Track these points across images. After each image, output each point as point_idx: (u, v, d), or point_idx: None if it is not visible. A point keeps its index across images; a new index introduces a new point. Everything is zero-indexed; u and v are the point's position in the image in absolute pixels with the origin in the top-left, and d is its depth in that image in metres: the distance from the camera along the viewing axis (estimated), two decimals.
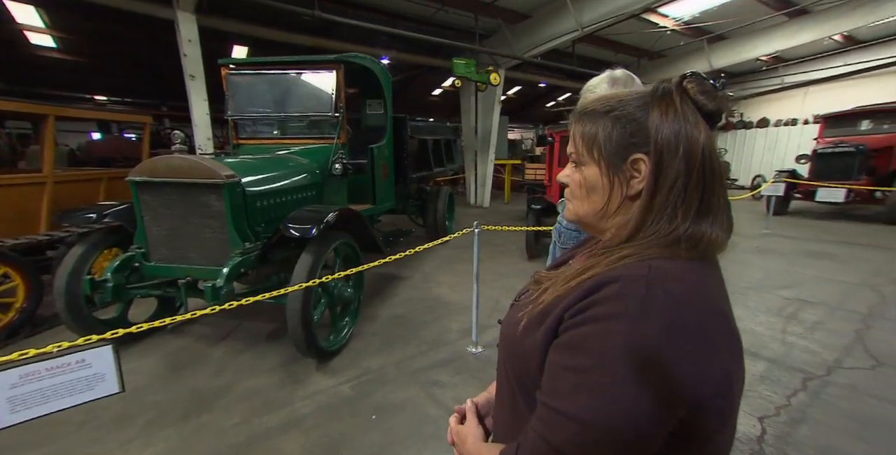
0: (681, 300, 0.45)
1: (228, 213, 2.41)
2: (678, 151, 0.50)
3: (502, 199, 10.94)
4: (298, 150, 3.45)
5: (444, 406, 2.24)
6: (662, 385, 0.42)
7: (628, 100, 0.56)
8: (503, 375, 0.64)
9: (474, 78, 7.21)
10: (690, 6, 7.66)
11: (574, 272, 0.54)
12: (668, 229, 0.50)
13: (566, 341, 0.49)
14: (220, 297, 2.25)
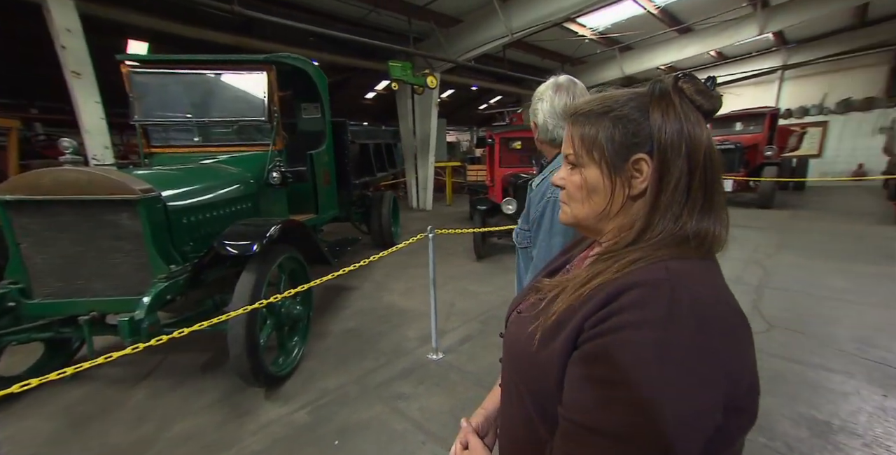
0: (706, 301, 0.44)
1: (147, 234, 2.11)
2: (681, 150, 0.50)
3: (444, 201, 11.04)
4: (226, 159, 3.15)
5: (411, 419, 2.17)
6: (700, 391, 0.41)
7: (624, 100, 0.55)
8: (513, 392, 0.60)
9: (411, 81, 7.17)
10: (604, 18, 8.38)
11: (583, 279, 0.52)
12: (674, 228, 0.50)
13: (589, 353, 0.46)
14: (142, 331, 1.96)
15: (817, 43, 11.61)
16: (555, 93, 1.14)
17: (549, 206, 1.05)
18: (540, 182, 1.14)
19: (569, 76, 1.20)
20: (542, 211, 1.06)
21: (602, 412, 0.43)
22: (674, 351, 0.41)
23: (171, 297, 2.21)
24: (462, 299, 3.94)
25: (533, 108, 1.18)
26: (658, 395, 0.41)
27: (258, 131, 3.28)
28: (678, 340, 0.42)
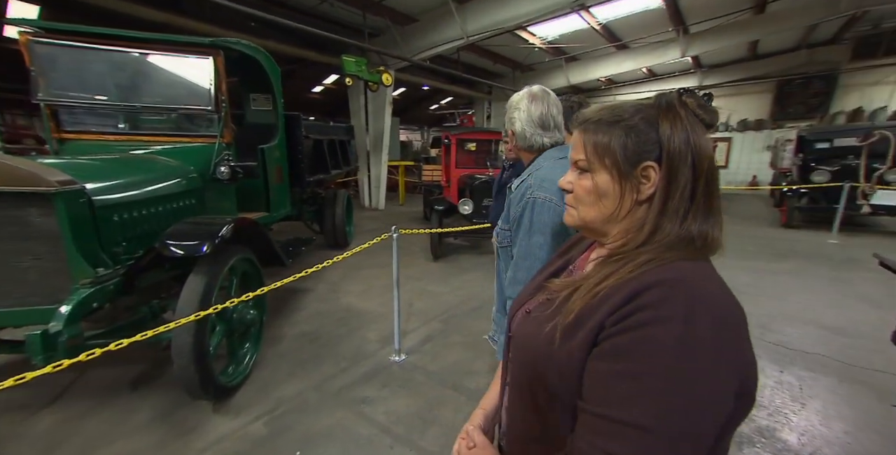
0: (717, 299, 0.48)
1: (67, 233, 1.83)
2: (688, 159, 0.54)
3: (397, 200, 10.92)
4: (163, 150, 2.85)
5: (377, 423, 2.12)
6: (718, 381, 0.45)
7: (632, 111, 0.58)
8: (524, 389, 0.61)
9: (366, 77, 7.00)
10: (553, 29, 8.82)
11: (598, 278, 0.54)
12: (679, 231, 0.54)
13: (612, 349, 0.48)
14: (59, 346, 1.70)
15: (723, 69, 13.35)
16: (530, 102, 1.19)
17: (528, 207, 1.08)
18: (519, 184, 1.17)
19: (541, 86, 1.26)
20: (521, 211, 1.10)
21: (630, 405, 0.45)
22: (695, 346, 0.45)
23: (97, 305, 1.95)
24: (421, 299, 3.93)
25: (509, 116, 1.23)
26: (683, 387, 0.44)
27: (203, 122, 3.00)
28: (698, 336, 0.45)
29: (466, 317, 3.51)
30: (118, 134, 2.99)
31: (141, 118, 3.07)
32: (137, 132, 3.00)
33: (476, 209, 5.17)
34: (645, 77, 14.31)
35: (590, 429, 0.49)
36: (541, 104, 1.19)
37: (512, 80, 12.09)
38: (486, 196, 5.19)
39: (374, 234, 6.53)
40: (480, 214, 5.17)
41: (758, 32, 9.41)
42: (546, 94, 1.22)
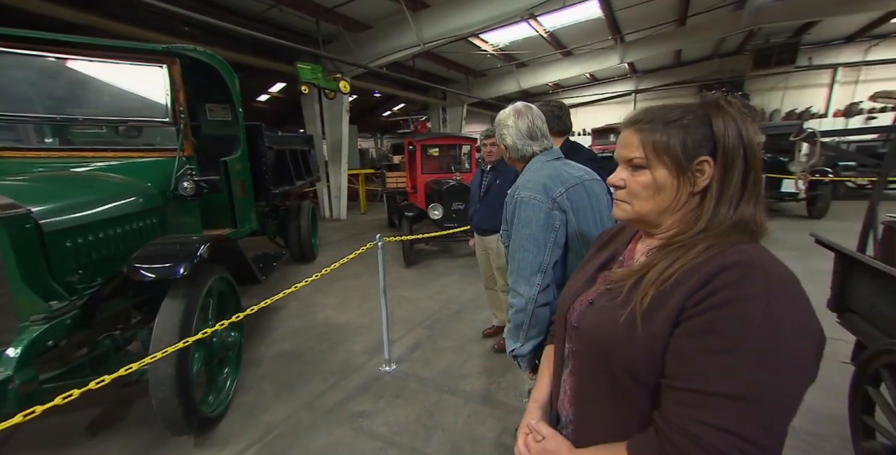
0: (788, 277, 0.54)
1: (12, 263, 1.61)
2: (740, 152, 0.59)
3: (358, 210, 10.72)
4: (112, 166, 2.60)
5: (379, 436, 2.08)
6: (805, 350, 0.50)
7: (681, 112, 0.63)
8: (598, 376, 0.64)
9: (322, 84, 6.83)
10: (504, 36, 9.16)
11: (664, 265, 0.59)
12: (733, 216, 0.59)
13: (699, 327, 0.52)
14: (10, 394, 1.49)
15: (654, 74, 14.70)
16: (517, 118, 1.29)
17: (517, 205, 1.19)
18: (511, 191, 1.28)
19: (524, 102, 1.37)
20: (512, 210, 1.21)
21: (724, 378, 0.49)
22: (780, 321, 0.49)
23: (53, 342, 1.74)
24: (401, 307, 3.89)
25: (500, 133, 1.33)
26: (774, 359, 0.49)
27: (158, 134, 2.80)
28: (781, 312, 0.50)
29: (450, 321, 3.53)
30: (54, 150, 2.71)
31: (82, 132, 2.80)
32: (79, 147, 2.73)
33: (446, 214, 5.22)
34: (588, 82, 15.29)
35: (681, 403, 0.52)
36: (526, 118, 1.30)
37: (466, 86, 12.36)
38: (456, 200, 5.26)
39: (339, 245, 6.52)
40: (451, 219, 5.22)
41: (680, 42, 10.44)
42: (529, 108, 1.33)
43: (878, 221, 2.23)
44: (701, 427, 0.50)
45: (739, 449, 0.48)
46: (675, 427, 0.52)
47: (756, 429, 0.48)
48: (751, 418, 0.48)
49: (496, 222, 2.76)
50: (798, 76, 12.69)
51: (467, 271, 5.04)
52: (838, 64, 12.27)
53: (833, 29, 11.26)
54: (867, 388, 1.57)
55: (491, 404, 2.33)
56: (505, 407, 2.30)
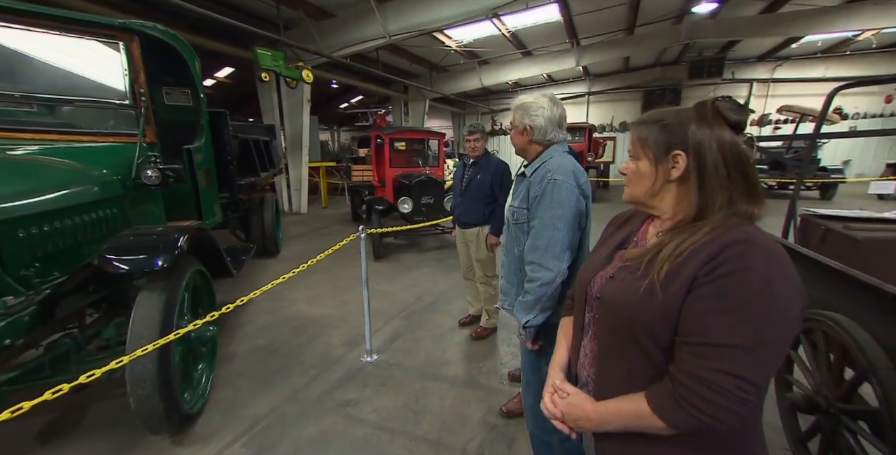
0: (779, 250, 0.66)
1: None
2: (712, 147, 0.71)
3: (319, 203, 10.41)
4: (57, 149, 2.37)
5: (369, 422, 2.12)
6: (795, 308, 0.63)
7: (672, 114, 0.77)
8: (621, 337, 0.75)
9: (284, 72, 6.53)
10: (468, 33, 9.28)
11: (676, 243, 0.71)
12: (731, 207, 0.71)
13: (710, 292, 0.63)
14: None
15: (605, 78, 15.59)
16: (552, 105, 1.38)
17: (549, 186, 1.28)
18: (535, 170, 1.37)
19: (553, 94, 1.46)
20: (542, 190, 1.29)
21: (729, 333, 0.61)
22: (776, 286, 0.61)
23: (10, 341, 1.60)
24: (376, 300, 3.87)
25: (530, 114, 1.38)
26: (771, 316, 0.61)
27: (114, 117, 2.58)
28: (776, 278, 0.62)
29: (426, 312, 3.60)
30: None
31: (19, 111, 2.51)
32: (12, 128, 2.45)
33: (416, 208, 5.26)
34: (545, 82, 15.85)
35: (692, 354, 0.64)
36: (559, 108, 1.41)
37: (429, 81, 12.36)
38: (425, 194, 5.31)
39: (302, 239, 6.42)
40: (420, 213, 5.27)
41: (629, 50, 11.18)
42: (559, 101, 1.44)
43: (797, 214, 2.61)
44: (708, 372, 0.62)
45: (738, 386, 0.61)
46: (686, 374, 0.64)
47: (751, 370, 0.61)
48: (748, 363, 0.61)
49: (477, 215, 2.88)
50: (724, 87, 14.09)
51: (437, 264, 5.13)
52: (753, 79, 13.85)
53: (749, 49, 12.72)
54: (788, 352, 1.86)
55: (474, 387, 2.44)
56: (487, 389, 2.42)
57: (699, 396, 0.63)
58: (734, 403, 0.61)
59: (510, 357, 2.79)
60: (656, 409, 0.67)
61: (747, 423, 0.70)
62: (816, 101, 11.39)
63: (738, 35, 10.11)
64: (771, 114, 13.67)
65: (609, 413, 0.74)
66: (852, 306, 1.55)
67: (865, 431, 1.40)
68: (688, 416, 0.64)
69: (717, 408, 0.62)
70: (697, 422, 0.64)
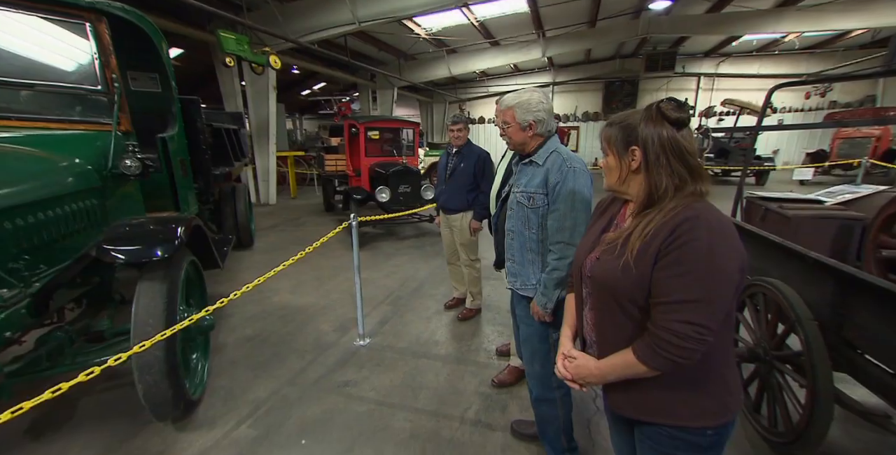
0: (722, 220, 0.82)
1: None
2: (654, 141, 0.86)
3: (287, 194, 10.14)
4: (21, 138, 2.24)
5: (370, 400, 2.24)
6: (733, 266, 0.79)
7: (631, 115, 0.92)
8: (612, 306, 0.92)
9: (250, 58, 6.26)
10: (437, 21, 9.23)
11: (643, 225, 0.86)
12: (682, 187, 0.85)
13: (668, 262, 0.80)
14: None
15: (569, 69, 16.03)
16: (545, 97, 1.52)
17: (569, 174, 1.42)
18: (546, 159, 1.49)
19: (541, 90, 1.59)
20: (563, 177, 1.42)
21: (685, 290, 0.78)
22: (715, 251, 0.78)
23: (10, 334, 1.59)
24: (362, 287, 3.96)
25: (533, 110, 1.48)
26: (713, 274, 0.78)
27: (83, 104, 2.46)
28: (718, 244, 0.79)
29: (411, 297, 3.73)
30: None
31: None
32: None
33: (393, 197, 5.32)
34: (512, 72, 16.06)
35: (662, 313, 0.82)
36: (548, 100, 1.54)
37: (397, 68, 12.19)
38: (402, 183, 5.38)
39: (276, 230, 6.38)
40: (398, 201, 5.35)
41: (590, 42, 11.57)
42: (546, 93, 1.57)
43: (743, 197, 2.96)
44: (672, 323, 0.80)
45: (696, 331, 0.79)
46: (658, 327, 0.82)
47: (703, 317, 0.79)
48: (700, 312, 0.79)
49: (460, 202, 3.01)
50: (676, 80, 14.97)
51: (416, 252, 5.24)
52: (701, 73, 14.81)
53: (697, 45, 13.59)
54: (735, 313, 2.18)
55: (465, 363, 2.62)
56: (478, 364, 2.61)
57: (669, 343, 0.81)
58: (694, 343, 0.80)
59: (496, 335, 2.99)
60: (640, 357, 0.85)
61: (714, 356, 0.88)
62: (752, 95, 12.55)
63: (687, 32, 10.76)
64: (716, 106, 14.71)
65: (608, 368, 0.92)
66: (785, 271, 1.85)
67: (790, 370, 1.71)
68: (663, 359, 0.82)
69: (682, 349, 0.80)
70: (671, 362, 0.82)
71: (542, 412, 1.65)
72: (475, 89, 17.47)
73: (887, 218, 1.76)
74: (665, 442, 0.92)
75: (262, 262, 4.80)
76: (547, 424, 1.65)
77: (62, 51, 2.37)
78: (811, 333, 1.57)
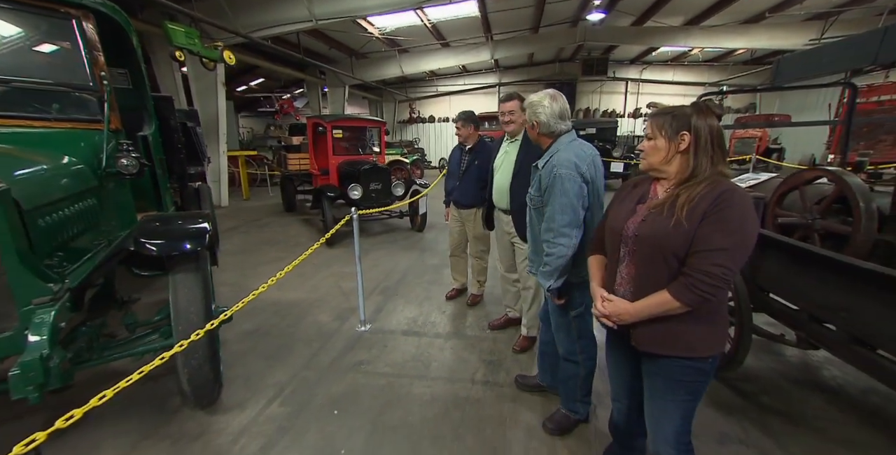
0: (747, 196, 1.07)
1: (9, 243, 1.48)
2: (704, 129, 1.10)
3: (239, 195, 9.70)
4: (6, 135, 2.16)
5: (386, 374, 2.47)
6: (755, 227, 1.06)
7: (678, 108, 1.17)
8: (654, 258, 1.15)
9: (202, 53, 5.97)
10: (391, 21, 9.37)
11: (687, 194, 1.10)
12: (714, 168, 1.12)
13: (712, 220, 1.05)
14: (54, 371, 1.45)
15: (513, 70, 16.96)
16: (552, 100, 1.70)
17: (556, 180, 1.59)
18: (546, 163, 1.68)
19: (555, 90, 1.77)
20: (551, 182, 1.61)
21: (720, 240, 1.03)
22: (745, 215, 1.04)
23: (63, 325, 1.63)
24: (346, 281, 4.11)
25: (536, 110, 1.70)
26: (742, 230, 1.03)
27: (71, 102, 2.39)
28: (748, 211, 1.04)
29: (399, 286, 3.96)
30: None
31: None
32: None
33: (365, 194, 5.46)
34: (460, 72, 16.60)
35: (698, 257, 1.06)
36: (559, 102, 1.66)
37: (350, 67, 12.09)
38: (373, 181, 5.54)
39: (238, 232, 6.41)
40: (369, 198, 5.50)
41: (533, 47, 12.40)
42: (560, 94, 1.73)
43: None
44: (708, 265, 1.05)
45: (723, 272, 1.04)
46: (694, 268, 1.07)
47: (730, 262, 1.04)
48: (729, 258, 1.04)
49: (474, 197, 3.18)
50: (609, 84, 16.49)
51: (391, 246, 5.44)
52: (628, 78, 16.48)
53: (624, 53, 15.16)
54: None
55: (465, 338, 2.93)
56: (476, 338, 2.93)
57: (702, 281, 1.05)
58: (721, 282, 1.05)
59: (484, 315, 3.33)
60: (675, 295, 1.09)
61: (722, 303, 1.20)
62: (671, 100, 14.39)
63: (617, 41, 12.02)
64: (641, 108, 16.46)
65: (643, 306, 1.17)
66: None
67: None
68: (695, 295, 1.07)
69: (712, 287, 1.05)
70: (700, 298, 1.06)
71: (567, 367, 1.91)
72: (424, 89, 17.75)
73: (779, 196, 2.35)
74: (676, 371, 1.20)
75: (236, 264, 4.73)
76: (568, 378, 1.93)
77: (50, 48, 2.30)
78: (738, 282, 2.10)
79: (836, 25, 9.77)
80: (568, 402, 1.97)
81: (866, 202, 1.77)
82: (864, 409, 2.13)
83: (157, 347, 1.91)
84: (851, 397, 2.23)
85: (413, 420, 2.06)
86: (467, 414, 2.10)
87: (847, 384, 2.34)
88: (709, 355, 1.18)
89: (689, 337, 1.16)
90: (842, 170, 2.02)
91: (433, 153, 17.91)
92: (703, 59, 15.27)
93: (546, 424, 1.97)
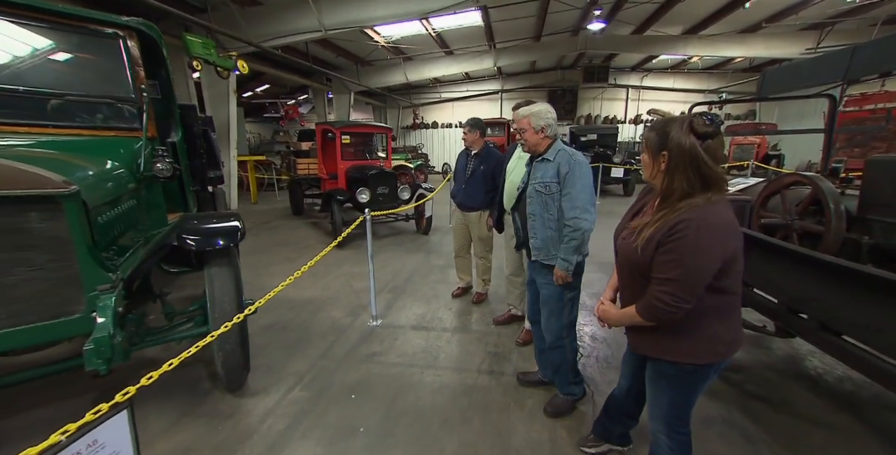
0: (709, 224, 1.08)
1: (80, 237, 1.68)
2: (677, 150, 1.10)
3: (248, 199, 9.95)
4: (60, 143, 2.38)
5: (398, 364, 2.66)
6: (708, 258, 1.09)
7: (669, 123, 1.14)
8: (631, 276, 1.27)
9: (218, 62, 6.24)
10: (396, 30, 9.66)
11: (654, 220, 1.17)
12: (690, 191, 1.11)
13: (665, 250, 1.12)
14: (118, 349, 1.65)
15: (516, 77, 17.24)
16: (551, 109, 1.99)
17: (576, 165, 1.84)
18: (556, 155, 1.93)
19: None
20: (570, 168, 1.84)
21: (669, 271, 1.11)
22: (701, 244, 1.07)
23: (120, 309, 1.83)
24: (356, 281, 4.31)
25: (544, 117, 1.94)
26: (692, 262, 1.08)
27: (114, 112, 2.62)
28: (701, 240, 1.07)
29: (408, 284, 4.15)
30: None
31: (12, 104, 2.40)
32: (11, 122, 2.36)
33: (372, 198, 5.67)
34: (464, 79, 16.89)
35: (655, 284, 1.16)
36: (553, 110, 1.97)
37: (355, 74, 12.39)
38: (380, 185, 5.75)
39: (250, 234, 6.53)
40: (377, 202, 5.71)
41: (536, 54, 12.69)
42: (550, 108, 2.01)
43: None
44: (659, 293, 1.15)
45: (672, 299, 1.12)
46: (651, 293, 1.18)
47: (679, 291, 1.12)
48: (678, 287, 1.12)
49: (480, 201, 3.40)
50: (610, 91, 16.75)
51: (398, 248, 5.64)
52: (629, 85, 16.75)
53: (625, 60, 15.44)
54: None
55: (470, 332, 3.12)
56: (481, 332, 3.12)
57: (655, 306, 1.17)
58: (671, 308, 1.14)
59: (489, 311, 3.52)
60: (638, 312, 1.23)
61: (709, 316, 1.20)
62: (671, 106, 14.64)
63: (617, 49, 12.28)
64: (642, 114, 16.71)
65: (622, 315, 1.33)
66: None
67: None
68: (651, 315, 1.19)
69: (663, 311, 1.15)
70: (657, 318, 1.18)
71: (555, 355, 2.11)
72: (428, 95, 18.07)
73: (763, 199, 2.54)
74: (662, 367, 1.32)
75: (250, 264, 4.93)
76: (558, 364, 2.12)
77: (99, 64, 2.53)
78: None
79: (831, 35, 10.02)
80: (563, 387, 2.16)
81: (836, 204, 1.96)
82: (838, 395, 2.30)
83: (194, 334, 2.11)
84: (829, 385, 2.40)
85: (424, 405, 2.24)
86: (474, 400, 2.28)
87: (825, 373, 2.52)
88: (691, 363, 1.24)
89: (669, 345, 1.27)
90: (817, 175, 2.21)
91: (436, 158, 18.21)
92: (703, 66, 15.57)
93: (546, 409, 2.16)
